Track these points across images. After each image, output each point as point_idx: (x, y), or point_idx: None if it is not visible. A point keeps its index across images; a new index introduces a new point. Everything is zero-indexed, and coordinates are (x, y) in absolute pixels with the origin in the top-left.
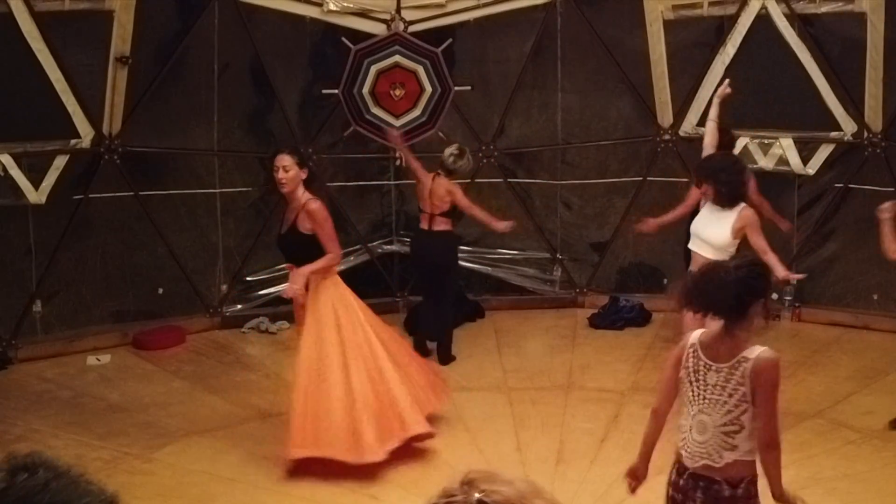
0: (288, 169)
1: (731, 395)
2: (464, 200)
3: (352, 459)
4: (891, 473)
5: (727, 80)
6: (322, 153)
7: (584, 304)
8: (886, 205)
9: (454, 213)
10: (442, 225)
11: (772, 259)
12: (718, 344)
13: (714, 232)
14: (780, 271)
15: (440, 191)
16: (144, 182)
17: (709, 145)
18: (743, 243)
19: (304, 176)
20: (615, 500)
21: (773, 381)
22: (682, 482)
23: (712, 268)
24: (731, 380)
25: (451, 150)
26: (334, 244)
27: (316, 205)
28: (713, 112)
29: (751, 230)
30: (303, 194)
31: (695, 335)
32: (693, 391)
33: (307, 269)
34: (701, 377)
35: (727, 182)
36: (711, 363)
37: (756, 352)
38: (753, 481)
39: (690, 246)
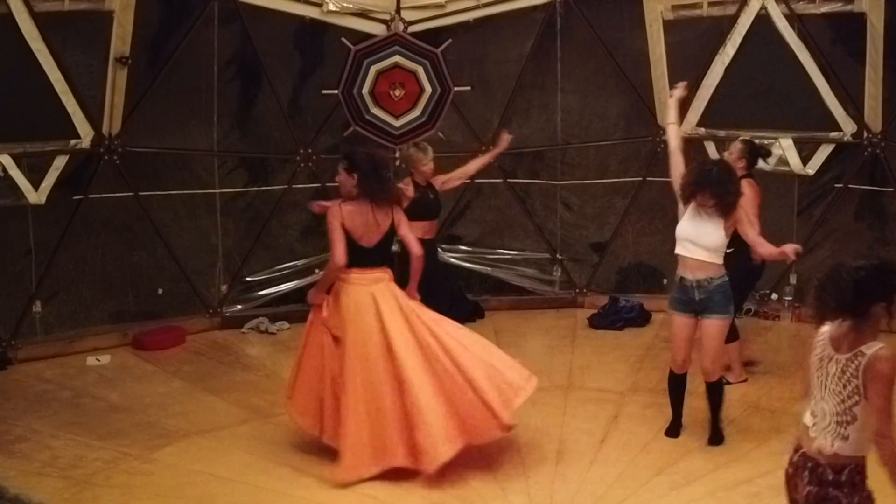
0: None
1: (845, 387)
2: (444, 177)
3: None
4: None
5: (682, 84)
6: (322, 154)
7: (583, 304)
8: None
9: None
10: (424, 233)
11: (767, 247)
12: (843, 336)
13: (710, 236)
14: (775, 250)
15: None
16: (144, 182)
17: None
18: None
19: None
20: (615, 500)
21: (886, 376)
22: (795, 458)
23: (833, 270)
24: (847, 371)
25: (409, 152)
26: None
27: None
28: (673, 114)
29: (741, 226)
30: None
31: (827, 326)
32: (818, 378)
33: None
34: (825, 366)
35: (735, 194)
36: (834, 353)
37: (874, 348)
38: (859, 470)
39: (679, 251)
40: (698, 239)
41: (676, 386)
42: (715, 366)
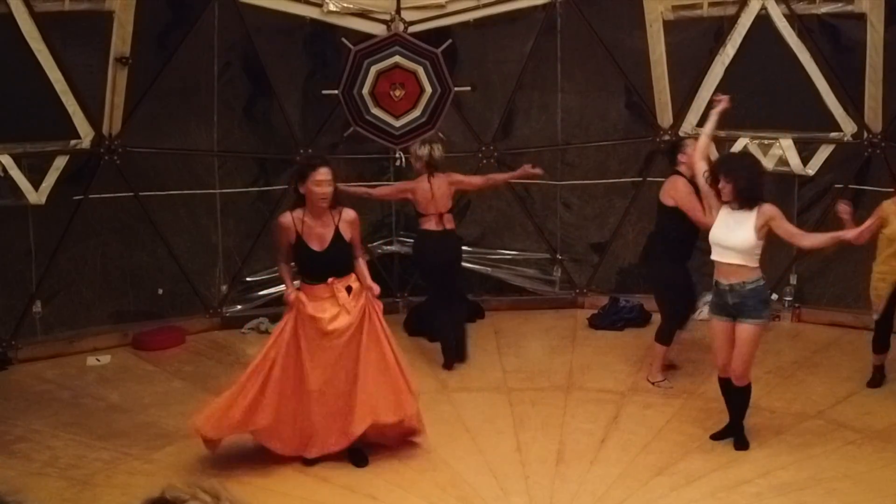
0: (331, 183)
1: None
2: (476, 179)
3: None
4: (891, 474)
5: (724, 97)
6: (322, 154)
7: (583, 304)
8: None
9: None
10: (451, 223)
11: (819, 237)
12: None
13: (738, 237)
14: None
15: (443, 187)
16: (144, 182)
17: (700, 159)
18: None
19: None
20: (615, 500)
21: None
22: None
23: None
24: None
25: (434, 149)
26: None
27: (354, 212)
28: (710, 126)
29: (776, 222)
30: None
31: None
32: None
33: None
34: None
35: (749, 179)
36: None
37: None
38: None
39: (713, 256)
40: (728, 242)
41: (725, 390)
42: (746, 370)
